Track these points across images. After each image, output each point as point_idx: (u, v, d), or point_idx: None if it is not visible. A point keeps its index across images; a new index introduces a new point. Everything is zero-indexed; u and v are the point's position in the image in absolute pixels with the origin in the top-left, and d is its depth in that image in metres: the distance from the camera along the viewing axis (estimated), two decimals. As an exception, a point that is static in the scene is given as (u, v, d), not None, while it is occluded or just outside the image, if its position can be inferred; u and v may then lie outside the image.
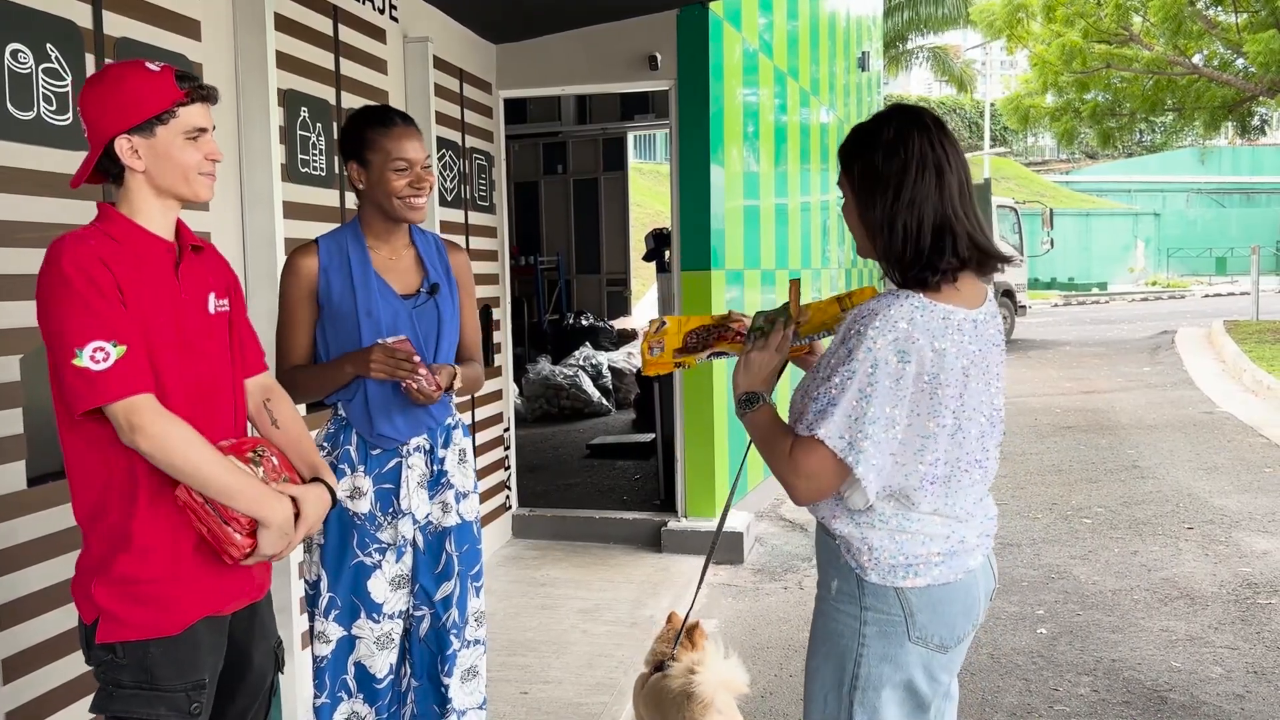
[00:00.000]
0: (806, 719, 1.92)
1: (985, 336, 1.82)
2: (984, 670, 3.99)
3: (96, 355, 1.74)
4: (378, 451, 2.47)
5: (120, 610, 1.84)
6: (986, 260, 1.81)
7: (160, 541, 1.86)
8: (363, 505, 2.45)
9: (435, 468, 2.53)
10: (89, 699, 2.59)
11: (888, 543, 1.80)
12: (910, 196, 1.77)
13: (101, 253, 1.80)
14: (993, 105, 34.68)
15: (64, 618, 2.54)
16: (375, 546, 2.46)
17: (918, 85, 46.57)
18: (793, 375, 2.05)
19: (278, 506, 1.89)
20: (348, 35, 4.08)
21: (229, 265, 2.14)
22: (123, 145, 1.85)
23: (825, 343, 2.06)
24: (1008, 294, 18.01)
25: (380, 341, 2.36)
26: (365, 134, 2.45)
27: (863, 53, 10.85)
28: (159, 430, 1.78)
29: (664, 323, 2.20)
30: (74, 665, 2.56)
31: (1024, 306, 19.02)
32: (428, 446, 2.52)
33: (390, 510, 2.47)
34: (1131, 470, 7.50)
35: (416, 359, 2.36)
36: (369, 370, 2.34)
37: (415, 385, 2.36)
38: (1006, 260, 1.86)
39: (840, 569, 1.85)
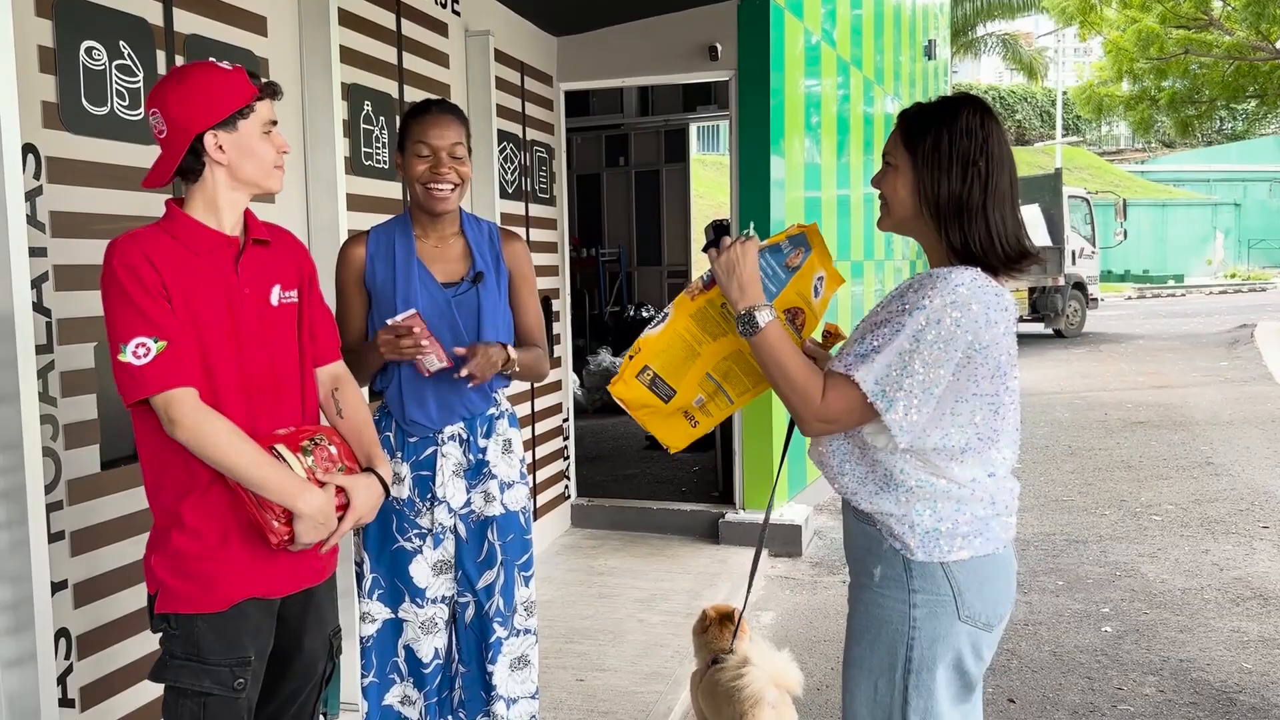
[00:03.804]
0: (850, 708, 1.92)
1: (1015, 321, 1.87)
2: (1046, 668, 3.92)
3: (138, 350, 1.84)
4: (414, 439, 2.50)
5: (173, 583, 1.94)
6: (1026, 259, 1.87)
7: (209, 523, 1.94)
8: (402, 491, 2.49)
9: (475, 457, 2.54)
10: (156, 676, 2.69)
11: (928, 514, 1.82)
12: (996, 187, 1.82)
13: (149, 250, 1.88)
14: (1065, 94, 33.93)
15: (134, 597, 2.63)
16: (415, 532, 2.50)
17: (987, 73, 45.78)
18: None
19: (310, 498, 1.93)
20: (410, 30, 4.13)
21: (306, 255, 2.19)
22: (210, 141, 1.92)
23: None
24: (1079, 286, 17.63)
25: (388, 322, 2.38)
26: (404, 123, 2.52)
27: (929, 40, 10.67)
28: (193, 423, 1.86)
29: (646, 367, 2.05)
30: (143, 644, 2.65)
31: (1096, 299, 18.60)
32: (464, 435, 2.53)
33: (428, 497, 2.50)
34: (1205, 467, 7.30)
35: (418, 331, 2.34)
36: (383, 353, 2.38)
37: (423, 360, 2.36)
38: (1041, 262, 1.94)
39: (884, 555, 1.86)
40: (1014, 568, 1.91)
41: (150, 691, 2.69)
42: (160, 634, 1.98)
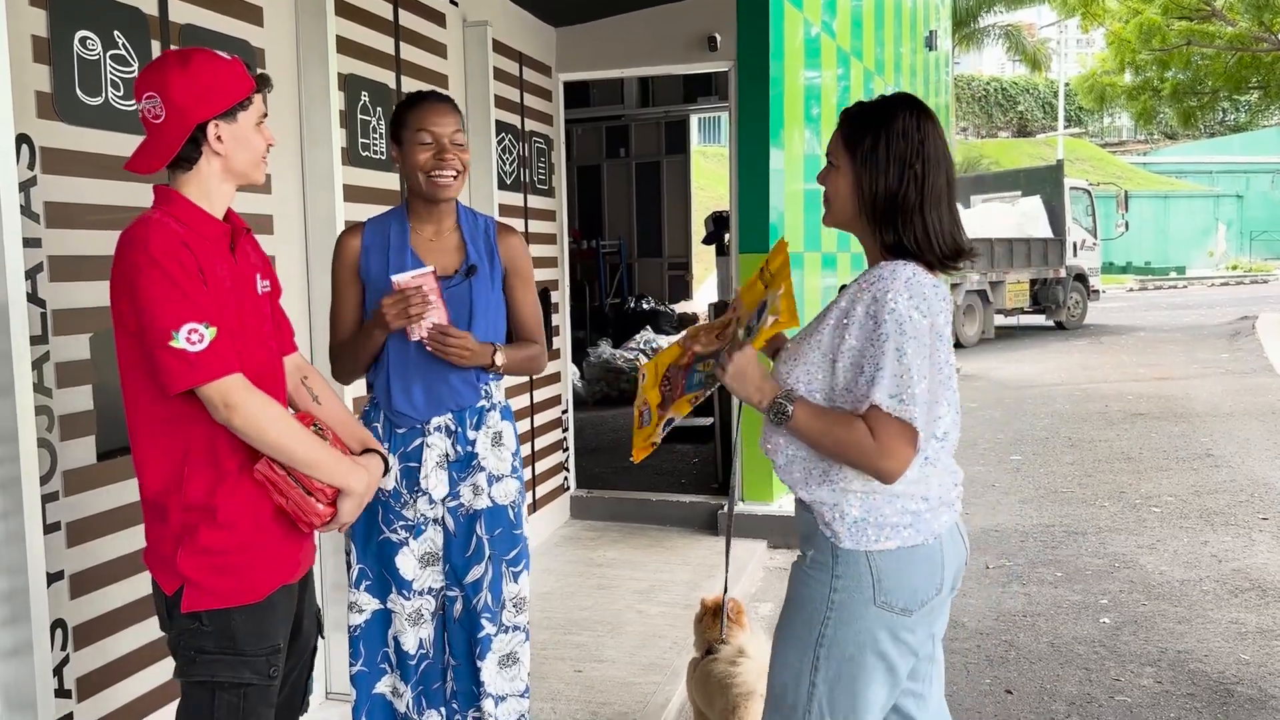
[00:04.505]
0: (771, 666, 2.04)
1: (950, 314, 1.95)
2: (1044, 659, 3.93)
3: (192, 337, 1.80)
4: (402, 430, 2.49)
5: (206, 580, 1.91)
6: (962, 256, 1.95)
7: (242, 515, 1.93)
8: (388, 482, 2.48)
9: (463, 449, 2.51)
10: (153, 667, 2.69)
11: (858, 506, 1.91)
12: (932, 188, 1.90)
13: (184, 236, 1.86)
14: (1067, 85, 33.86)
15: (130, 588, 2.63)
16: (401, 524, 2.49)
17: (990, 64, 45.64)
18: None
19: (359, 475, 1.98)
20: (408, 20, 4.12)
21: (261, 247, 2.20)
22: (211, 131, 1.91)
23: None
24: (1080, 278, 17.62)
25: (396, 280, 2.36)
26: (400, 113, 2.50)
27: (930, 32, 10.65)
28: (252, 408, 1.85)
29: (642, 375, 2.20)
30: (139, 634, 2.65)
31: (1097, 291, 18.60)
32: (452, 427, 2.51)
33: (415, 488, 2.49)
34: (1205, 459, 7.29)
35: (428, 288, 2.35)
36: (388, 323, 2.36)
37: (422, 323, 2.36)
38: (977, 257, 2.02)
39: (817, 540, 1.96)
40: (945, 552, 1.96)
41: (148, 682, 2.69)
42: (183, 632, 1.94)
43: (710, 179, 21.45)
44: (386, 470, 2.14)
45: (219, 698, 1.93)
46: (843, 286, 2.00)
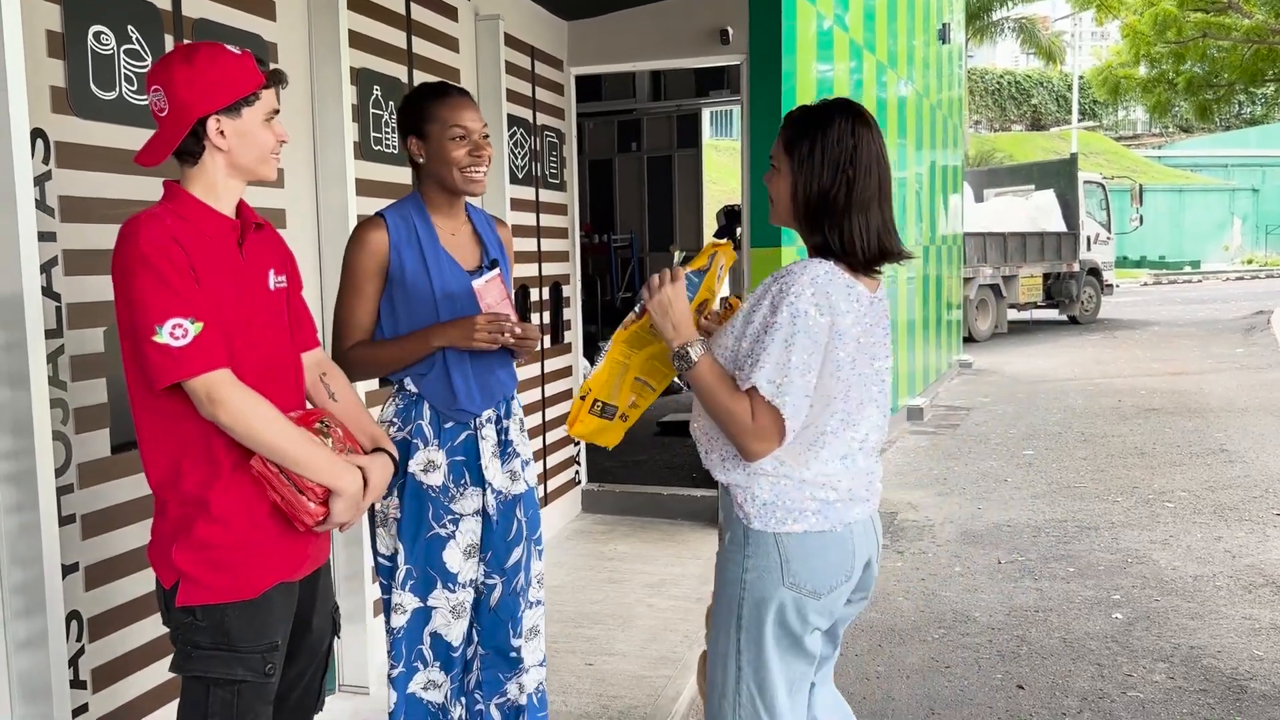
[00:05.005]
0: (709, 651, 2.17)
1: (877, 315, 2.07)
2: (1055, 654, 3.92)
3: (175, 332, 1.81)
4: (450, 425, 2.49)
5: (199, 574, 1.91)
6: (887, 259, 2.06)
7: (237, 510, 1.92)
8: (436, 478, 2.47)
9: (503, 437, 2.56)
10: (167, 660, 2.70)
11: (768, 489, 2.02)
12: (861, 193, 2.01)
13: (175, 232, 1.86)
14: (1081, 78, 33.67)
15: (145, 581, 2.65)
16: (449, 518, 2.49)
17: (1004, 57, 45.39)
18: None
19: (351, 476, 1.96)
20: (420, 14, 4.13)
21: (284, 242, 2.20)
22: (213, 125, 1.91)
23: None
24: (1094, 272, 17.53)
25: (475, 285, 2.41)
26: (423, 106, 2.46)
27: (943, 25, 10.60)
28: (238, 404, 1.84)
29: (588, 391, 2.25)
30: (154, 627, 2.67)
31: (1111, 285, 18.50)
32: (495, 417, 2.55)
33: (462, 481, 2.50)
34: (1219, 454, 7.26)
35: (500, 295, 2.42)
36: (472, 342, 2.39)
37: (517, 335, 2.41)
38: (908, 258, 2.11)
39: (733, 521, 2.08)
40: (856, 542, 2.08)
41: (161, 674, 2.71)
42: (180, 626, 1.96)
43: (723, 173, 21.42)
44: (396, 470, 2.13)
45: (213, 693, 1.94)
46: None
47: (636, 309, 2.21)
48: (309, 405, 2.16)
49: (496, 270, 2.45)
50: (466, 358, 2.46)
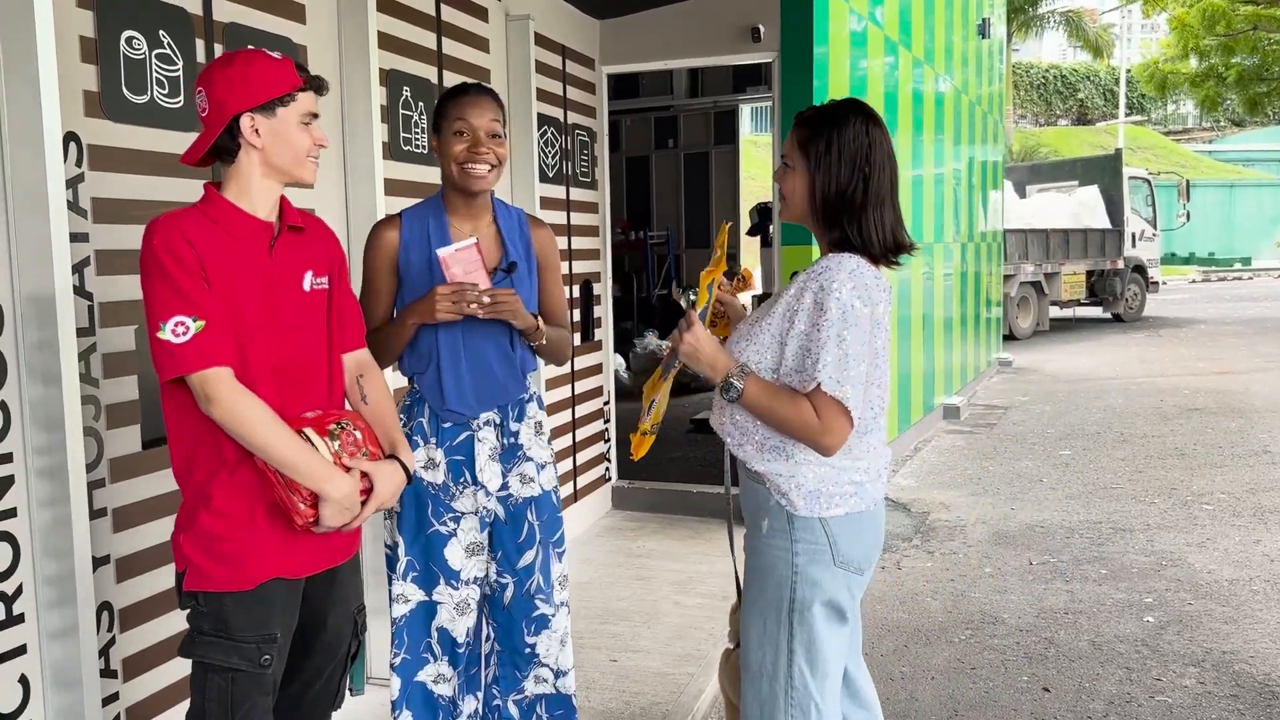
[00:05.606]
0: (746, 642, 2.22)
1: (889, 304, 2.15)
2: (1084, 657, 3.88)
3: (177, 329, 1.88)
4: (449, 424, 2.52)
5: (202, 562, 1.98)
6: (901, 251, 2.15)
7: (236, 503, 1.98)
8: (437, 476, 2.52)
9: (508, 441, 2.57)
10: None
11: (812, 477, 2.09)
12: (877, 190, 2.09)
13: (189, 232, 1.92)
14: (1129, 72, 33.11)
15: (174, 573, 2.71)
16: (450, 515, 2.53)
17: (1050, 51, 44.78)
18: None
19: (338, 482, 1.97)
20: (449, 14, 4.16)
21: (337, 244, 2.23)
22: (246, 123, 1.97)
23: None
24: (1139, 269, 17.26)
25: (439, 253, 2.37)
26: (441, 104, 2.51)
27: (983, 19, 10.48)
28: (230, 403, 1.90)
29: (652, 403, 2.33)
30: (182, 618, 2.72)
31: (1156, 283, 18.21)
32: (498, 420, 2.56)
33: (462, 480, 2.53)
34: (1262, 455, 7.13)
35: (471, 262, 2.36)
36: (434, 316, 2.37)
37: (485, 304, 2.36)
38: (915, 251, 2.18)
39: (770, 509, 2.13)
40: (883, 521, 2.23)
41: (190, 664, 2.77)
42: (188, 611, 2.03)
43: (762, 168, 21.32)
44: (410, 481, 2.16)
45: (210, 679, 2.00)
46: (793, 273, 2.15)
47: (665, 361, 2.29)
48: (347, 406, 2.21)
49: (471, 241, 2.38)
50: (461, 358, 2.48)
